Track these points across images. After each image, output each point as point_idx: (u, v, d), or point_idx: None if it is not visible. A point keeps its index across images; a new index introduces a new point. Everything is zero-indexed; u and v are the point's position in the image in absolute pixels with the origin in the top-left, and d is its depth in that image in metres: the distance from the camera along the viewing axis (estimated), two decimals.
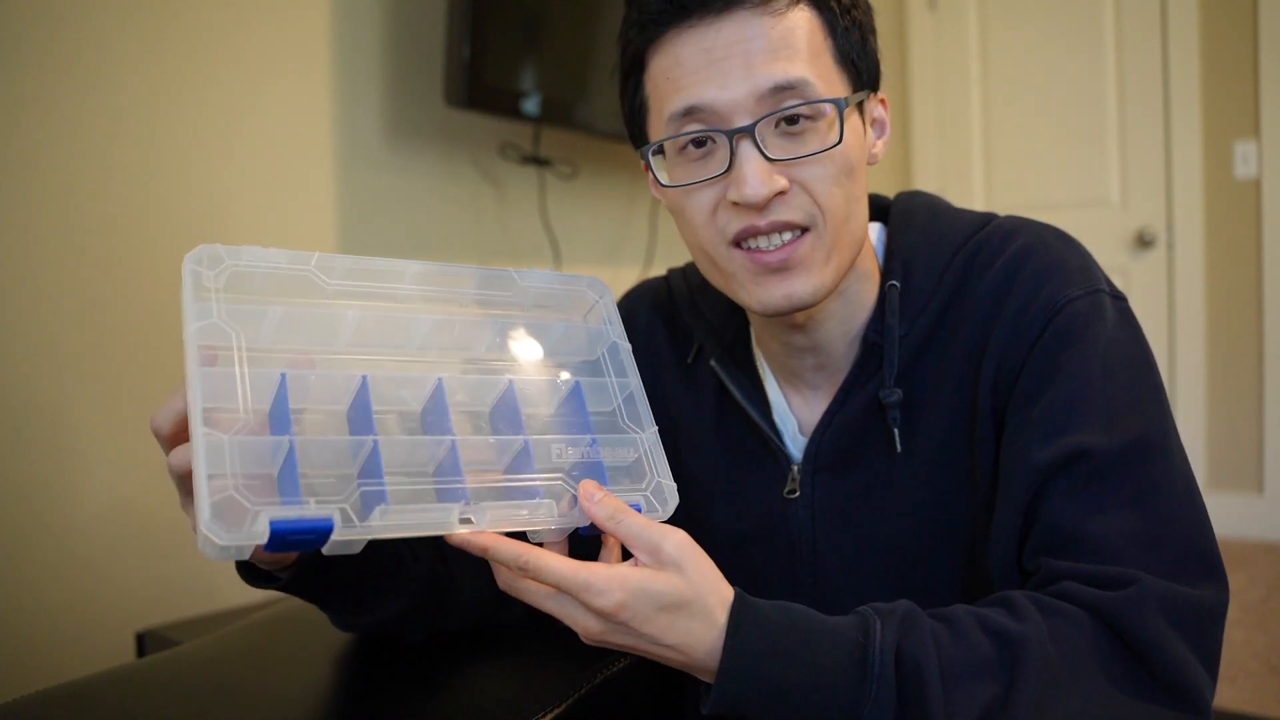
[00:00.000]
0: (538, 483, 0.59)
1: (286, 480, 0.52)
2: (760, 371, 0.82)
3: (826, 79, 0.68)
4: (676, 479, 0.86)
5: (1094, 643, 0.59)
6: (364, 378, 0.58)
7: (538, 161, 2.10)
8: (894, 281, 0.75)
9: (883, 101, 0.76)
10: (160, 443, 0.57)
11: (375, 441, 0.55)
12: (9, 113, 1.30)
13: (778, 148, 0.67)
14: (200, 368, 0.53)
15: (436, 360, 0.63)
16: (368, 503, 0.53)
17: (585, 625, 0.56)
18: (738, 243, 0.69)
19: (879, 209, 0.82)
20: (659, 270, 1.16)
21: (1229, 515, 2.99)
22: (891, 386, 0.74)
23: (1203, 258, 3.05)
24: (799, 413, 0.80)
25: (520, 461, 0.60)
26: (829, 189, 0.68)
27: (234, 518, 0.49)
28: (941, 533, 0.74)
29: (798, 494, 0.78)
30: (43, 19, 1.33)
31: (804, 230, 0.68)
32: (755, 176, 0.66)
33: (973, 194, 3.40)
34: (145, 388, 1.43)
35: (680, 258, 0.92)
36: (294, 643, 0.80)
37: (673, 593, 0.56)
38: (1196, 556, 0.62)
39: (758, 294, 0.70)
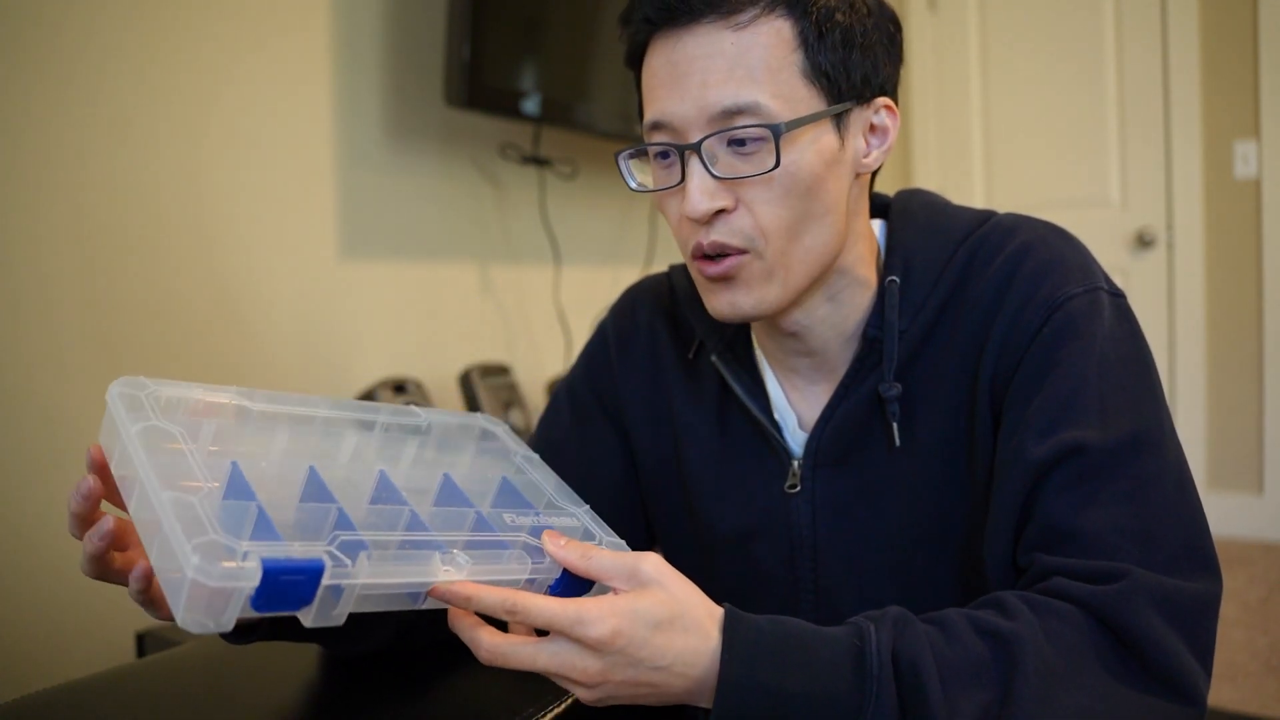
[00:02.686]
0: (504, 538, 0.61)
1: (263, 534, 0.51)
2: (760, 367, 0.82)
3: (786, 98, 0.67)
4: (678, 475, 0.87)
5: (1088, 637, 0.59)
6: (311, 467, 0.60)
7: (538, 161, 2.10)
8: (894, 277, 0.75)
9: (888, 108, 0.73)
10: (74, 526, 0.58)
11: (339, 509, 0.56)
12: (13, 117, 1.30)
13: (727, 166, 0.68)
14: (151, 457, 0.52)
15: (368, 467, 0.65)
16: (350, 550, 0.52)
17: (584, 667, 0.55)
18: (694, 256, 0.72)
19: (880, 207, 0.82)
20: (658, 270, 1.16)
21: (1229, 515, 2.99)
22: (891, 381, 0.74)
23: (1203, 258, 3.05)
24: (799, 408, 0.80)
25: (479, 526, 0.62)
26: (774, 210, 0.68)
27: (224, 558, 0.46)
28: (941, 527, 0.74)
29: (798, 488, 0.78)
30: (45, 17, 1.33)
31: (742, 252, 0.70)
32: (696, 193, 0.67)
33: (973, 194, 3.40)
34: None
35: (680, 256, 0.92)
36: (293, 643, 0.80)
37: (661, 608, 0.56)
38: (1189, 550, 0.63)
39: (709, 301, 0.73)
